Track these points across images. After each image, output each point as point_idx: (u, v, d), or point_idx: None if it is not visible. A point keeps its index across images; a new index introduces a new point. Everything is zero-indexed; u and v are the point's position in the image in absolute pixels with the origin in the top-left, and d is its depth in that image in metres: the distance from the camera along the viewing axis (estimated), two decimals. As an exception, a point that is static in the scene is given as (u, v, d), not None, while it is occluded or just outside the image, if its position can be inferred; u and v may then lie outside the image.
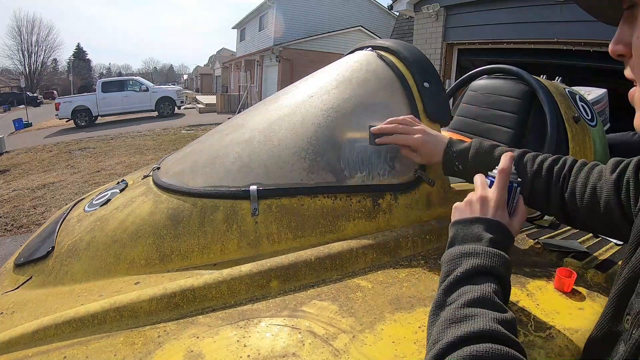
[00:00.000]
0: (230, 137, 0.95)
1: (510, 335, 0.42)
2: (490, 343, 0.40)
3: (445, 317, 0.45)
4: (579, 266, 0.75)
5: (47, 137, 11.02)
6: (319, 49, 15.61)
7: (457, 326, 0.43)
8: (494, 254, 0.52)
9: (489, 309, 0.45)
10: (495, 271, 0.50)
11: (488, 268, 0.50)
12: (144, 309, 0.62)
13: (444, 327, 0.44)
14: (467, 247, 0.53)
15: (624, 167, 0.60)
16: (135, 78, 15.04)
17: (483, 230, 0.56)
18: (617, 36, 0.40)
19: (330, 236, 0.80)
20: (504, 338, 0.41)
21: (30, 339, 0.59)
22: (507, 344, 0.41)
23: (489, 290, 0.47)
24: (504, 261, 0.52)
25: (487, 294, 0.46)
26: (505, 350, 0.39)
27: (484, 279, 0.49)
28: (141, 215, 0.80)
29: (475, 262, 0.51)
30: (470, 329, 0.41)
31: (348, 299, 0.65)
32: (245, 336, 0.56)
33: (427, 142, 0.81)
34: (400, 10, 6.98)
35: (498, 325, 0.42)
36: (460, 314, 0.44)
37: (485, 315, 0.43)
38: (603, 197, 0.61)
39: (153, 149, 7.76)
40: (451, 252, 0.55)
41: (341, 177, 0.83)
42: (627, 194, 0.57)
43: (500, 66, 1.51)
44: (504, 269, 0.52)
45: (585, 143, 1.30)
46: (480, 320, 0.42)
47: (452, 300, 0.47)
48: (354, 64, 1.02)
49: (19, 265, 0.87)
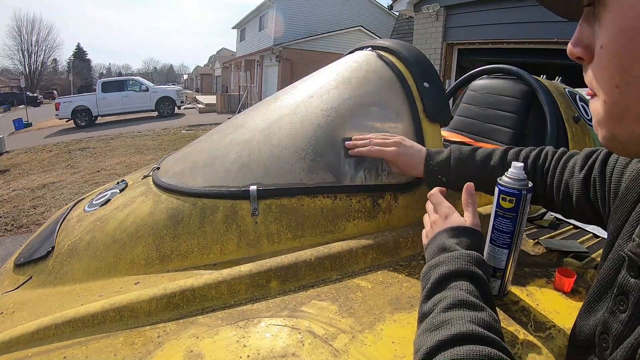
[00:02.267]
0: (230, 137, 0.95)
1: (489, 334, 0.42)
2: (470, 345, 0.40)
3: (424, 327, 0.45)
4: (579, 266, 0.75)
5: (47, 137, 11.01)
6: (319, 49, 15.61)
7: (436, 333, 0.43)
8: (458, 255, 0.53)
9: (466, 309, 0.45)
10: (465, 271, 0.51)
11: (456, 271, 0.51)
12: (143, 309, 0.62)
13: (424, 337, 0.44)
14: (433, 260, 0.55)
15: (592, 162, 0.60)
16: (135, 78, 15.01)
17: (444, 240, 0.57)
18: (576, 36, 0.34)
19: (330, 236, 0.80)
20: (483, 338, 0.41)
21: (30, 339, 0.59)
22: (486, 343, 0.41)
23: (462, 291, 0.48)
24: (471, 259, 0.52)
25: (461, 296, 0.47)
26: (487, 351, 0.39)
27: (456, 282, 0.50)
28: (141, 215, 0.80)
29: (443, 269, 0.51)
30: (448, 334, 0.41)
31: (348, 299, 0.65)
32: (245, 336, 0.56)
33: (404, 154, 0.80)
34: (400, 10, 6.98)
35: (475, 326, 0.42)
36: (437, 320, 0.44)
37: (461, 318, 0.43)
38: (574, 195, 0.62)
39: (153, 149, 7.76)
40: (422, 270, 0.56)
41: (341, 177, 0.83)
42: (595, 192, 0.57)
43: (500, 66, 1.51)
44: (475, 264, 0.52)
45: (585, 143, 1.30)
46: (457, 323, 0.43)
47: (428, 310, 0.48)
48: (353, 64, 1.02)
49: (19, 265, 0.87)
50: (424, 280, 0.55)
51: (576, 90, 1.51)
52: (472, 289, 0.48)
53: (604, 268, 0.44)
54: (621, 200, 0.46)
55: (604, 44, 0.31)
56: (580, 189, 0.60)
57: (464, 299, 0.46)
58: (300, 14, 16.37)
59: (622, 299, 0.38)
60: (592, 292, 0.45)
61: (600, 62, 0.32)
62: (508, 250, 0.61)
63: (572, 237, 0.92)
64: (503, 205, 0.60)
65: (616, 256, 0.42)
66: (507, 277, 0.64)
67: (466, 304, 0.46)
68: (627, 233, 0.41)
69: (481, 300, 0.47)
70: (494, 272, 0.64)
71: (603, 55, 0.31)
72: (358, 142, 0.83)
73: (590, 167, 0.60)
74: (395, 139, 0.81)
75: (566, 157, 0.68)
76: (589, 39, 0.33)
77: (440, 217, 0.63)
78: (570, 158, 0.67)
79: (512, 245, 0.61)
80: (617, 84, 0.30)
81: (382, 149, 0.80)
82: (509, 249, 0.61)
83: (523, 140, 1.33)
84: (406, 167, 0.81)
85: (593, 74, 0.33)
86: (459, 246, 0.55)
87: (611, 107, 0.32)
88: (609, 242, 0.45)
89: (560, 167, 0.67)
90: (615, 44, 0.30)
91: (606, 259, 0.44)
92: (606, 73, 0.31)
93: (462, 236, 0.57)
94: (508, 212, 0.59)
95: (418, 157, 0.80)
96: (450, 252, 0.54)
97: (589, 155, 0.62)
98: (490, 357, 0.39)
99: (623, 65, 0.29)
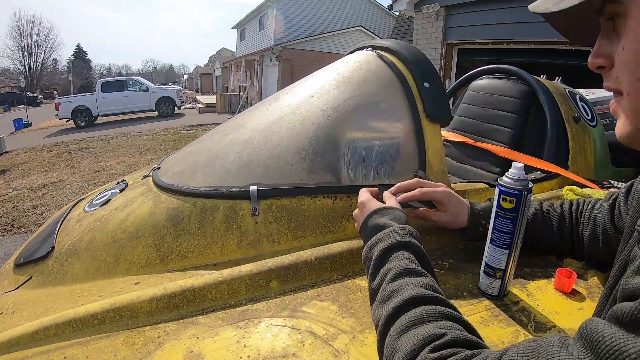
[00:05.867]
0: (230, 137, 0.95)
1: (437, 295, 0.47)
2: (423, 305, 0.45)
3: (378, 300, 0.50)
4: (579, 266, 0.75)
5: (47, 137, 11.01)
6: (319, 49, 15.60)
7: (389, 302, 0.47)
8: (394, 229, 0.59)
9: (412, 276, 0.50)
10: (403, 243, 0.56)
11: (395, 244, 0.56)
12: (144, 309, 0.62)
13: (380, 309, 0.48)
14: (372, 240, 0.60)
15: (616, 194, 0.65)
16: (135, 78, 15.01)
17: (376, 220, 0.63)
18: (596, 49, 0.39)
19: (330, 236, 0.80)
20: (433, 298, 0.47)
21: (30, 339, 0.59)
22: (436, 302, 0.46)
23: (405, 260, 0.53)
24: (406, 231, 0.59)
25: (405, 265, 0.52)
26: (439, 309, 0.44)
27: (397, 253, 0.55)
28: (141, 215, 0.80)
29: (383, 245, 0.57)
30: (401, 299, 0.46)
31: (348, 299, 0.65)
32: (245, 336, 0.56)
33: (454, 196, 0.75)
34: (400, 10, 6.97)
35: (423, 289, 0.48)
36: (387, 291, 0.49)
37: (409, 284, 0.49)
38: (600, 225, 0.66)
39: (153, 149, 7.75)
40: (362, 252, 0.61)
41: (341, 177, 0.83)
42: (620, 218, 0.61)
43: (500, 66, 1.51)
44: (410, 235, 0.58)
45: (586, 143, 1.30)
46: (407, 289, 0.48)
47: (377, 284, 0.53)
48: (354, 64, 1.02)
49: (19, 265, 0.86)
50: (366, 260, 0.59)
51: (576, 90, 1.51)
52: (412, 258, 0.54)
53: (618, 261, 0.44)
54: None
55: (626, 45, 0.34)
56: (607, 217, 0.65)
57: (407, 267, 0.52)
58: (300, 14, 16.37)
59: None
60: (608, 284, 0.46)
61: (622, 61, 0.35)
62: (508, 251, 0.61)
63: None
64: (503, 205, 0.60)
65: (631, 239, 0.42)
66: (507, 277, 0.64)
67: (411, 272, 0.51)
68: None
69: (422, 267, 0.53)
70: (494, 272, 0.64)
71: (624, 55, 0.35)
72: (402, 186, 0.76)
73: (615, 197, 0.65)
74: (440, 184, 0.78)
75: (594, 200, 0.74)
76: (609, 50, 0.37)
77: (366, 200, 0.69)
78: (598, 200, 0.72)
79: (512, 245, 0.61)
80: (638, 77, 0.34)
81: (434, 189, 0.75)
82: (509, 249, 0.61)
83: (523, 141, 1.33)
84: (454, 209, 0.75)
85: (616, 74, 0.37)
86: (392, 221, 0.61)
87: (635, 99, 0.35)
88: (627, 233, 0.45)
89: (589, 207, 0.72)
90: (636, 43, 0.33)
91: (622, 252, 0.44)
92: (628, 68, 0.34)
93: (390, 213, 0.63)
94: (508, 212, 0.59)
95: (464, 203, 0.76)
96: (385, 228, 0.60)
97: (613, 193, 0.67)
98: (444, 313, 0.44)
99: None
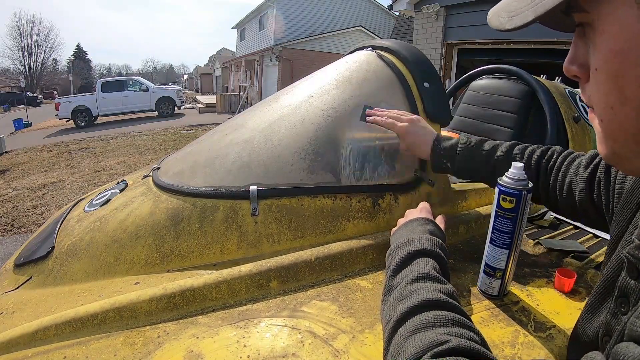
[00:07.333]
0: (230, 137, 0.95)
1: (452, 301, 0.47)
2: (436, 310, 0.44)
3: (394, 298, 0.50)
4: (579, 266, 0.75)
5: (47, 137, 11.01)
6: (319, 49, 15.60)
7: (405, 301, 0.47)
8: (427, 238, 0.60)
9: (431, 282, 0.50)
10: (430, 251, 0.57)
11: (422, 250, 0.57)
12: (143, 309, 0.62)
13: (393, 307, 0.48)
14: (401, 239, 0.62)
15: (597, 162, 0.61)
16: (135, 78, 14.99)
17: (415, 226, 0.65)
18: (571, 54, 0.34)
19: (330, 236, 0.80)
20: (447, 304, 0.46)
21: (30, 339, 0.59)
22: (450, 309, 0.45)
23: (428, 266, 0.53)
24: (437, 243, 0.60)
25: (427, 270, 0.52)
26: (451, 315, 0.43)
27: (421, 259, 0.55)
28: (141, 215, 0.80)
29: (411, 247, 0.58)
30: (416, 300, 0.46)
31: (348, 299, 0.65)
32: (245, 336, 0.56)
33: (414, 132, 0.81)
34: (400, 10, 6.97)
35: (440, 294, 0.47)
36: (405, 291, 0.49)
37: (427, 287, 0.48)
38: (577, 195, 0.62)
39: (153, 149, 7.75)
40: (390, 248, 0.63)
41: (341, 177, 0.83)
42: (599, 193, 0.58)
43: (500, 66, 1.51)
44: (439, 248, 0.59)
45: (585, 143, 1.30)
46: (424, 291, 0.47)
47: (397, 283, 0.53)
48: (353, 64, 1.02)
49: (19, 265, 0.86)
50: (390, 256, 0.61)
51: (576, 90, 1.51)
52: (436, 267, 0.54)
53: (606, 269, 0.44)
54: (625, 201, 0.45)
55: (598, 66, 0.31)
56: (584, 188, 0.60)
57: (429, 273, 0.52)
58: (300, 14, 16.37)
59: (623, 301, 0.38)
60: (595, 293, 0.45)
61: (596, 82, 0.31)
62: (508, 251, 0.61)
63: (572, 237, 0.92)
64: (503, 205, 0.60)
65: (618, 258, 0.42)
66: (507, 277, 0.64)
67: (431, 277, 0.51)
68: (630, 234, 0.41)
69: (443, 277, 0.53)
70: (494, 272, 0.64)
71: (597, 77, 0.31)
72: (377, 112, 0.86)
73: (595, 166, 0.60)
74: (410, 116, 0.83)
75: (572, 157, 0.68)
76: (584, 57, 0.33)
77: (416, 210, 0.72)
78: (575, 158, 0.67)
79: (512, 245, 0.61)
80: (611, 105, 0.30)
81: (394, 122, 0.82)
82: (509, 249, 0.61)
83: (523, 140, 1.33)
84: (413, 145, 0.82)
85: (590, 93, 0.33)
86: (427, 233, 0.62)
87: (607, 126, 0.32)
88: (612, 242, 0.45)
89: (565, 166, 0.67)
90: (608, 66, 0.30)
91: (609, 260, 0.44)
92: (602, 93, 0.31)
93: (431, 226, 0.65)
94: (508, 212, 0.59)
95: (427, 139, 0.81)
96: (420, 235, 0.61)
97: (595, 156, 0.62)
98: (455, 320, 0.43)
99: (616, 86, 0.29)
